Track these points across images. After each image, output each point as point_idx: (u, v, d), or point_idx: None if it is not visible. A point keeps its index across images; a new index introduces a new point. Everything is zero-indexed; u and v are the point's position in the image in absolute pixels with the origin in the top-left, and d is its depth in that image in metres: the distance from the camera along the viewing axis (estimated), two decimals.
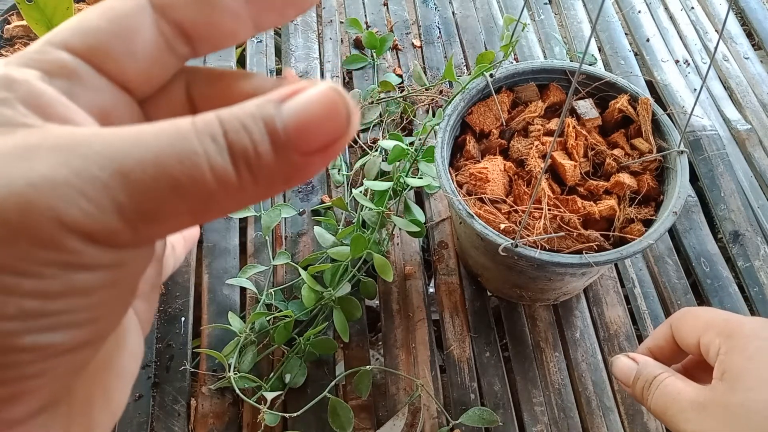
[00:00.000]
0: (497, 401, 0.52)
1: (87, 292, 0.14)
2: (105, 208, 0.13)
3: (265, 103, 0.14)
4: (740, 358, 0.29)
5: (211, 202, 0.14)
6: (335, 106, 0.14)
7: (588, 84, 0.52)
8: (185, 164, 0.13)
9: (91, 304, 0.14)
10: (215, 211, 0.14)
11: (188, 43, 0.16)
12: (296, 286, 0.57)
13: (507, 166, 0.49)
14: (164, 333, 0.56)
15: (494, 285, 0.57)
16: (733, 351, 0.30)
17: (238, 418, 0.52)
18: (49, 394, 0.15)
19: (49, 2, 0.58)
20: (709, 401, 0.30)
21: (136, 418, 0.52)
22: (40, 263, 0.13)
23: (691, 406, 0.30)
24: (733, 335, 0.30)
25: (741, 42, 0.81)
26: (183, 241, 0.25)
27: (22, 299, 0.13)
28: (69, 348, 0.14)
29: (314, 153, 0.14)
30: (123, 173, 0.13)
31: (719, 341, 0.31)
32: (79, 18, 0.16)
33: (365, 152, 0.67)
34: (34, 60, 0.15)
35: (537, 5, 0.85)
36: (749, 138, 0.71)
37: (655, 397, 0.33)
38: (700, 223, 0.64)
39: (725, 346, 0.30)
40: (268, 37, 0.80)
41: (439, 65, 0.77)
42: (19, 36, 0.64)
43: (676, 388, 0.32)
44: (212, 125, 0.14)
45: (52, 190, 0.13)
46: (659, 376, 0.33)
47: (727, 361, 0.30)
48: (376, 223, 0.55)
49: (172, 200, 0.13)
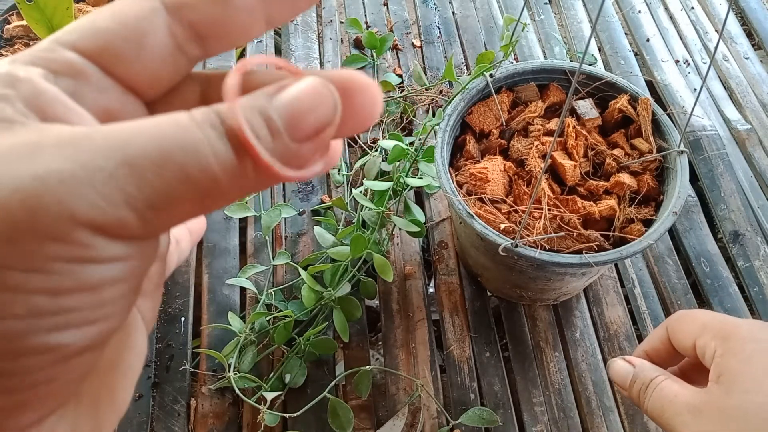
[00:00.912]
0: (497, 401, 0.52)
1: (96, 288, 0.14)
2: (114, 199, 0.13)
3: (259, 95, 0.15)
4: (736, 360, 0.29)
5: (216, 189, 0.14)
6: (321, 97, 0.15)
7: (588, 84, 0.52)
8: (188, 151, 0.13)
9: (100, 301, 0.14)
10: (220, 199, 0.14)
11: (200, 44, 0.16)
12: (296, 286, 0.57)
13: (507, 166, 0.49)
14: (164, 333, 0.56)
15: (494, 285, 0.57)
16: (729, 354, 0.30)
17: (238, 418, 0.52)
18: (59, 400, 0.15)
19: (49, 2, 0.58)
20: (706, 404, 0.30)
21: (136, 418, 0.52)
22: (50, 259, 0.13)
23: (688, 408, 0.30)
24: (729, 338, 0.31)
25: (741, 42, 0.81)
26: (189, 235, 0.25)
27: (31, 297, 0.13)
28: (79, 349, 0.14)
29: (306, 139, 0.15)
30: (128, 163, 0.13)
31: (715, 344, 0.31)
32: (90, 18, 0.16)
33: (365, 152, 0.67)
34: (40, 58, 0.15)
35: (537, 5, 0.85)
36: (749, 138, 0.71)
37: (652, 400, 0.33)
38: (700, 223, 0.64)
39: (721, 348, 0.31)
40: (268, 37, 0.80)
41: (439, 65, 0.77)
42: (19, 36, 0.64)
43: (673, 391, 0.32)
44: (210, 115, 0.14)
45: (60, 183, 0.13)
46: (655, 379, 0.33)
47: (722, 364, 0.30)
48: (376, 223, 0.55)
49: (179, 188, 0.13)
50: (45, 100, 0.14)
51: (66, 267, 0.13)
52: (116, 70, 0.16)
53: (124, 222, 0.13)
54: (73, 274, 0.13)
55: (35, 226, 0.12)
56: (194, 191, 0.14)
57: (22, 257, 0.13)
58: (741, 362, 0.29)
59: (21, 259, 0.13)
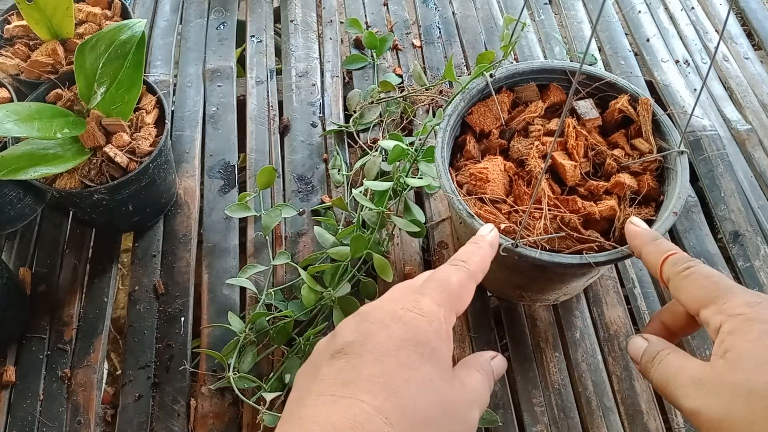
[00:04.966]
0: (497, 401, 0.52)
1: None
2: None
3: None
4: (744, 340, 0.30)
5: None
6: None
7: (588, 84, 0.52)
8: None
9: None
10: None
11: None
12: (296, 286, 0.57)
13: (507, 166, 0.49)
14: (164, 333, 0.56)
15: (494, 285, 0.57)
16: (737, 332, 0.30)
17: (238, 419, 0.52)
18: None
19: (49, 2, 0.58)
20: (709, 378, 0.30)
21: (136, 418, 0.52)
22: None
23: (692, 381, 0.31)
24: (736, 315, 0.31)
25: (741, 42, 0.81)
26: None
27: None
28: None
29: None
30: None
31: (720, 319, 0.31)
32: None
33: (365, 152, 0.67)
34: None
35: (537, 5, 0.85)
36: (749, 138, 0.71)
37: (658, 373, 0.33)
38: (700, 223, 0.64)
39: (728, 325, 0.31)
40: (268, 37, 0.80)
41: (439, 65, 0.77)
42: (19, 36, 0.64)
43: (678, 364, 0.32)
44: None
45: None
46: (662, 352, 0.34)
47: (728, 341, 0.30)
48: (376, 223, 0.55)
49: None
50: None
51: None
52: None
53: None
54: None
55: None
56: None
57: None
58: (749, 342, 0.29)
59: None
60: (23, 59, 0.62)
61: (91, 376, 0.54)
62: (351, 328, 0.30)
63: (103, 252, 0.62)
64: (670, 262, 0.37)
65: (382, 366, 0.28)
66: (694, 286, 0.34)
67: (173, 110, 0.72)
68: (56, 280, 0.59)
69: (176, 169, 0.66)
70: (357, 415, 0.26)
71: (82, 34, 0.64)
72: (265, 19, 0.82)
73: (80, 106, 0.55)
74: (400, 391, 0.27)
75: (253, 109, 0.72)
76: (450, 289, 0.32)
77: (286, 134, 0.71)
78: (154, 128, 0.58)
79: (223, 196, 0.65)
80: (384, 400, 0.26)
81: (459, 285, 0.33)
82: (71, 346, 0.56)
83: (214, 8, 0.83)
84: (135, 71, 0.53)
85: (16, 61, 0.61)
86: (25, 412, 0.52)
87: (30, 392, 0.53)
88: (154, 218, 0.63)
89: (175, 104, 0.72)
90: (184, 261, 0.61)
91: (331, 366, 0.28)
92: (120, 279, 0.71)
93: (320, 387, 0.28)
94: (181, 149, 0.68)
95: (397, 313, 0.30)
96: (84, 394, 0.53)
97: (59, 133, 0.50)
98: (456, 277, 0.33)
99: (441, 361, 0.29)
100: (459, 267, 0.34)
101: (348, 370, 0.28)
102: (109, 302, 0.59)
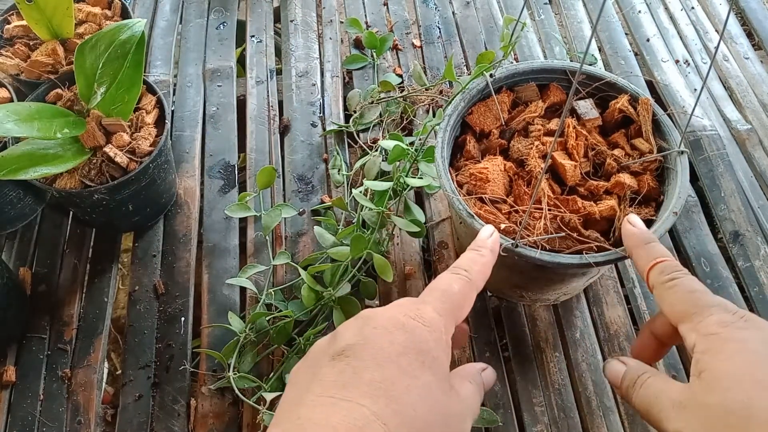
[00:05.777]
0: (497, 401, 0.52)
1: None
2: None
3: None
4: (717, 360, 0.30)
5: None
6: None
7: (588, 84, 0.52)
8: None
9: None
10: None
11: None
12: (296, 286, 0.57)
13: (507, 166, 0.49)
14: (164, 333, 0.56)
15: (494, 285, 0.57)
16: (710, 352, 0.30)
17: (238, 419, 0.52)
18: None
19: (49, 2, 0.58)
20: (688, 400, 0.30)
21: (136, 418, 0.52)
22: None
23: (672, 404, 0.31)
24: (710, 335, 0.31)
25: (741, 42, 0.81)
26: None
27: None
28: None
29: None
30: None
31: (695, 337, 0.32)
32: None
33: (365, 152, 0.67)
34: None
35: (537, 5, 0.85)
36: (749, 138, 0.71)
37: (639, 397, 0.33)
38: (700, 223, 0.64)
39: (701, 344, 0.31)
40: (267, 37, 0.80)
41: (439, 65, 0.77)
42: (19, 36, 0.64)
43: (659, 387, 0.32)
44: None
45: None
46: (642, 376, 0.34)
47: (703, 360, 0.30)
48: (376, 223, 0.55)
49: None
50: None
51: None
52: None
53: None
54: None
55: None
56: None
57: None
58: (722, 361, 0.30)
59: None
60: (23, 59, 0.62)
61: (91, 376, 0.54)
62: (353, 331, 0.30)
63: (103, 252, 0.62)
64: (657, 270, 0.36)
65: (383, 371, 0.28)
66: (676, 299, 0.34)
67: (173, 110, 0.72)
68: (56, 280, 0.59)
69: (176, 169, 0.66)
70: (356, 419, 0.26)
71: (82, 34, 0.64)
72: (265, 19, 0.82)
73: (80, 106, 0.55)
74: (401, 398, 0.27)
75: (253, 109, 0.72)
76: (452, 300, 0.33)
77: (286, 134, 0.71)
78: (154, 128, 0.58)
79: (223, 196, 0.65)
80: (384, 405, 0.26)
81: (461, 294, 0.33)
82: (71, 346, 0.56)
83: (214, 8, 0.83)
84: (135, 71, 0.53)
85: (16, 61, 0.61)
86: (25, 412, 0.52)
87: (30, 392, 0.53)
88: (154, 218, 0.63)
89: (175, 104, 0.72)
90: (184, 261, 0.61)
91: (331, 367, 0.28)
92: (120, 279, 0.71)
93: (320, 388, 0.28)
94: (181, 149, 0.68)
95: (399, 320, 0.30)
96: (84, 394, 0.53)
97: (59, 133, 0.50)
98: (458, 286, 0.34)
99: (440, 370, 0.29)
100: (461, 276, 0.35)
101: (349, 373, 0.28)
102: (109, 302, 0.59)
